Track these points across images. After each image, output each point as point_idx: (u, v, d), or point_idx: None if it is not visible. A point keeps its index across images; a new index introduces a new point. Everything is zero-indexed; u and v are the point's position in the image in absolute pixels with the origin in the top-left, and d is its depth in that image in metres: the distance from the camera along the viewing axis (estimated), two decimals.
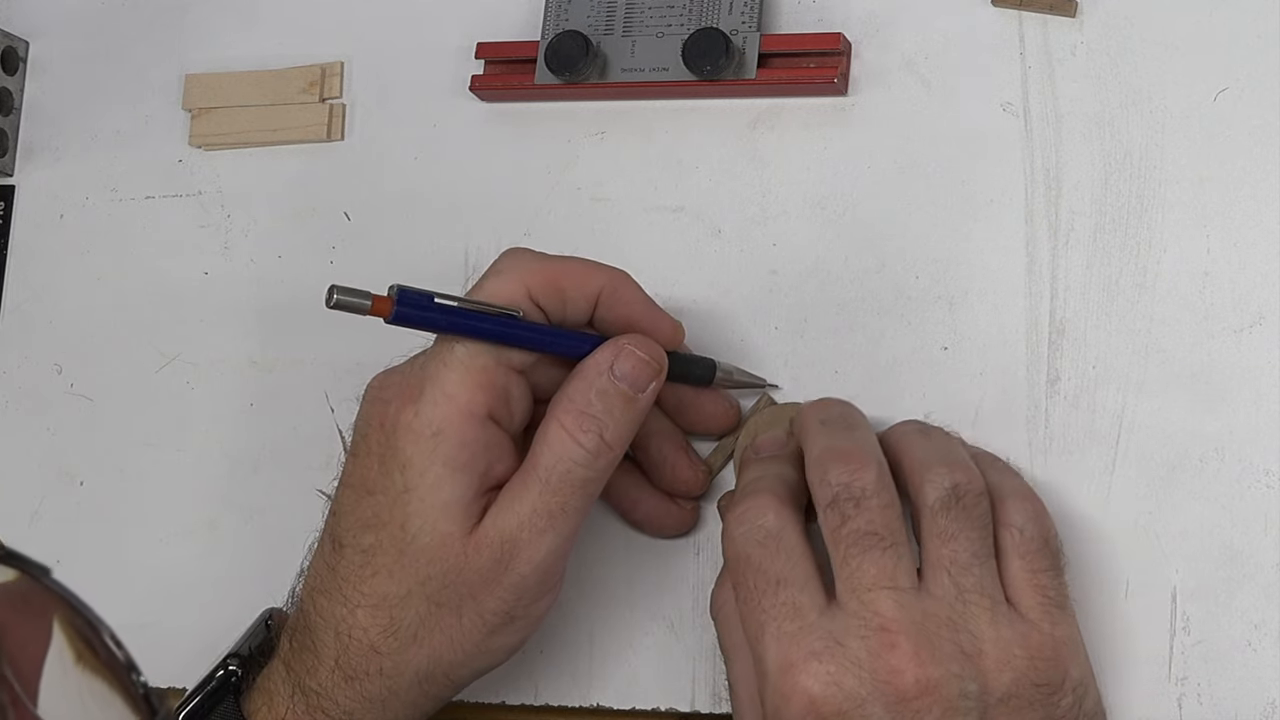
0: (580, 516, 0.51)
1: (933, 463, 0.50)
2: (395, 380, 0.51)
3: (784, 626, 0.48)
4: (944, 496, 0.49)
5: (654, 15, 0.60)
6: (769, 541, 0.49)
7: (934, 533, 0.49)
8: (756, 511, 0.50)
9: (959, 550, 0.49)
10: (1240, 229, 0.54)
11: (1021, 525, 0.50)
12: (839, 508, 0.49)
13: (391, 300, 0.49)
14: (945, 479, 0.49)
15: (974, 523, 0.49)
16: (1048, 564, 0.50)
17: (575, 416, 0.50)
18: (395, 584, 0.50)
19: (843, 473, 0.49)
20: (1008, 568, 0.50)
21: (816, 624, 0.48)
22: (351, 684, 0.51)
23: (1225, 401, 0.54)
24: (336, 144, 0.66)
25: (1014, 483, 0.52)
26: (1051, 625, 0.49)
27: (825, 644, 0.47)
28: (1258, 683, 0.52)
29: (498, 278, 0.52)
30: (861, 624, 0.47)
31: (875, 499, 0.49)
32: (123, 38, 0.70)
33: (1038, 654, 0.48)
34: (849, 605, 0.48)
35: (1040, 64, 0.57)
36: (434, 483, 0.50)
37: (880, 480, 0.49)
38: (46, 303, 0.68)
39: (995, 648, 0.48)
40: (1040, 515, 0.51)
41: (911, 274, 0.57)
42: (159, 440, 0.66)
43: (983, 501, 0.50)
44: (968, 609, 0.48)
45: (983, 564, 0.49)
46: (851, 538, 0.48)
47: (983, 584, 0.48)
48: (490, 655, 0.53)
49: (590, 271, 0.53)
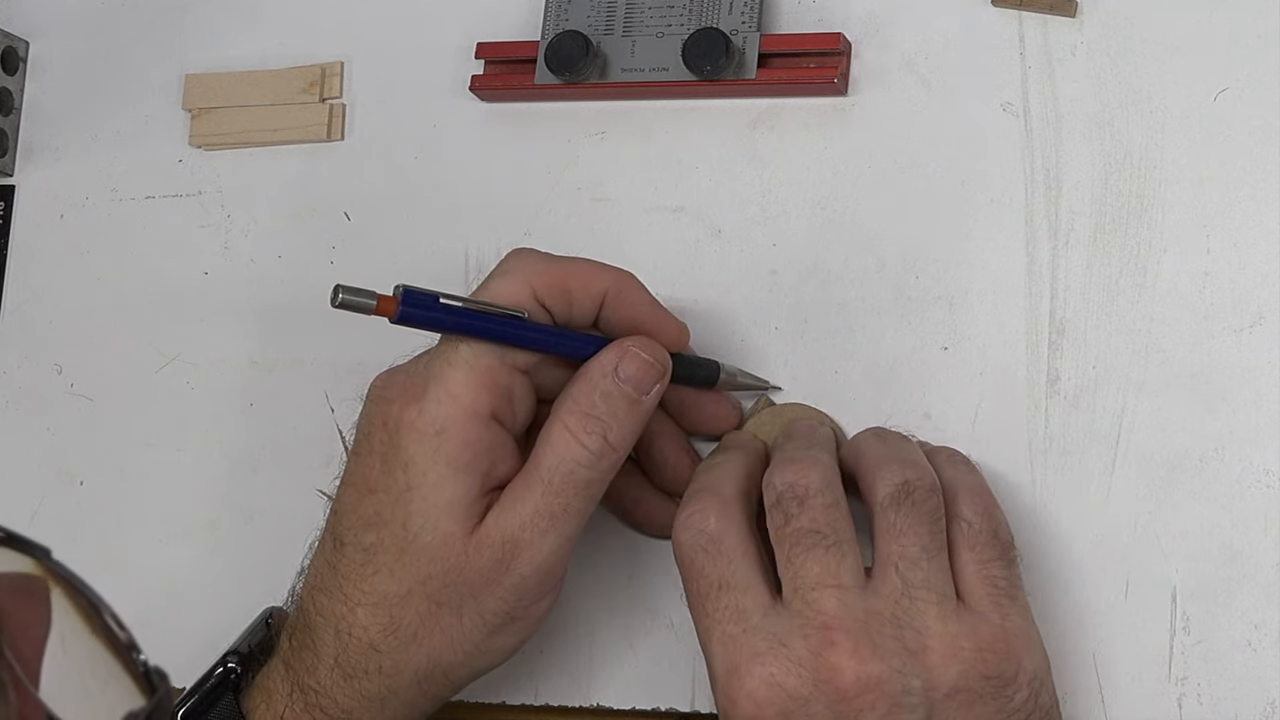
0: (582, 518, 0.51)
1: (885, 461, 0.51)
2: (399, 379, 0.51)
3: (728, 630, 0.48)
4: (894, 492, 0.49)
5: (654, 15, 0.60)
6: (710, 546, 0.50)
7: (884, 529, 0.49)
8: (699, 516, 0.50)
9: (908, 545, 0.49)
10: (1240, 229, 0.54)
11: (970, 518, 0.50)
12: (783, 507, 0.49)
13: (396, 300, 0.49)
14: (896, 475, 0.50)
15: (924, 518, 0.49)
16: (996, 554, 0.50)
17: (579, 418, 0.50)
18: (396, 582, 0.50)
19: (787, 474, 0.50)
20: (958, 560, 0.50)
21: (760, 626, 0.48)
22: (350, 682, 0.51)
23: (1225, 401, 0.54)
24: (336, 144, 0.66)
25: (966, 478, 0.52)
26: (1002, 617, 0.49)
27: (768, 645, 0.48)
28: (1258, 683, 0.52)
29: (503, 278, 0.52)
30: (804, 623, 0.48)
31: (819, 498, 0.49)
32: (123, 38, 0.70)
33: (987, 646, 0.48)
34: (793, 605, 0.48)
35: (1040, 64, 0.57)
36: (436, 482, 0.50)
37: (824, 480, 0.50)
38: (46, 303, 0.68)
39: (941, 642, 0.48)
40: (990, 508, 0.51)
41: (911, 274, 0.57)
42: (159, 440, 0.66)
43: (933, 497, 0.50)
44: (914, 604, 0.48)
45: (932, 559, 0.49)
46: (794, 536, 0.49)
47: (930, 579, 0.48)
48: (489, 656, 0.53)
49: (596, 272, 0.53)
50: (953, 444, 0.55)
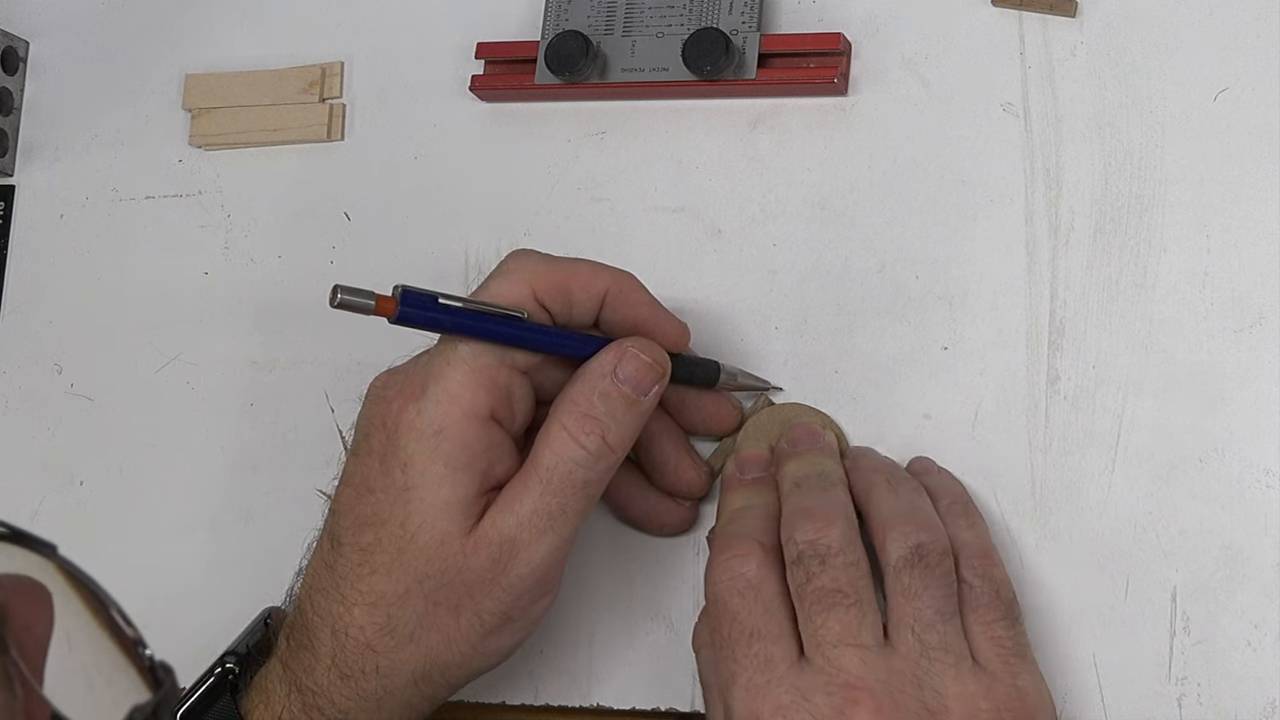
0: (580, 519, 0.51)
1: (898, 520, 0.51)
2: (398, 379, 0.51)
3: (754, 678, 0.48)
4: (907, 555, 0.50)
5: (654, 15, 0.60)
6: (748, 591, 0.50)
7: (898, 590, 0.50)
8: (740, 561, 0.50)
9: (923, 608, 0.49)
10: (1240, 229, 0.54)
11: (971, 580, 0.50)
12: (804, 565, 0.49)
13: (395, 300, 0.49)
14: (910, 538, 0.50)
15: (937, 581, 0.50)
16: (1000, 615, 0.50)
17: (577, 418, 0.51)
18: (393, 582, 0.50)
19: (809, 530, 0.50)
20: (964, 622, 0.50)
21: (785, 677, 0.48)
22: (347, 682, 0.51)
23: (1225, 401, 0.54)
24: (336, 144, 0.66)
25: (967, 535, 0.52)
26: (1013, 676, 0.49)
27: (792, 698, 0.48)
28: (1258, 683, 0.52)
29: (503, 279, 0.52)
30: (827, 680, 0.48)
31: (840, 557, 0.49)
32: (123, 38, 0.70)
33: (1004, 705, 0.48)
34: (815, 661, 0.48)
35: (1040, 64, 0.57)
36: (435, 481, 0.50)
37: (846, 537, 0.50)
38: (46, 303, 0.68)
39: (960, 703, 0.48)
40: (989, 568, 0.51)
41: (911, 274, 0.57)
42: (159, 440, 0.66)
43: (946, 560, 0.50)
44: (932, 665, 0.48)
45: (946, 621, 0.49)
46: (816, 595, 0.49)
47: (947, 641, 0.49)
48: (486, 656, 0.53)
49: (596, 273, 0.53)
50: (952, 444, 0.56)
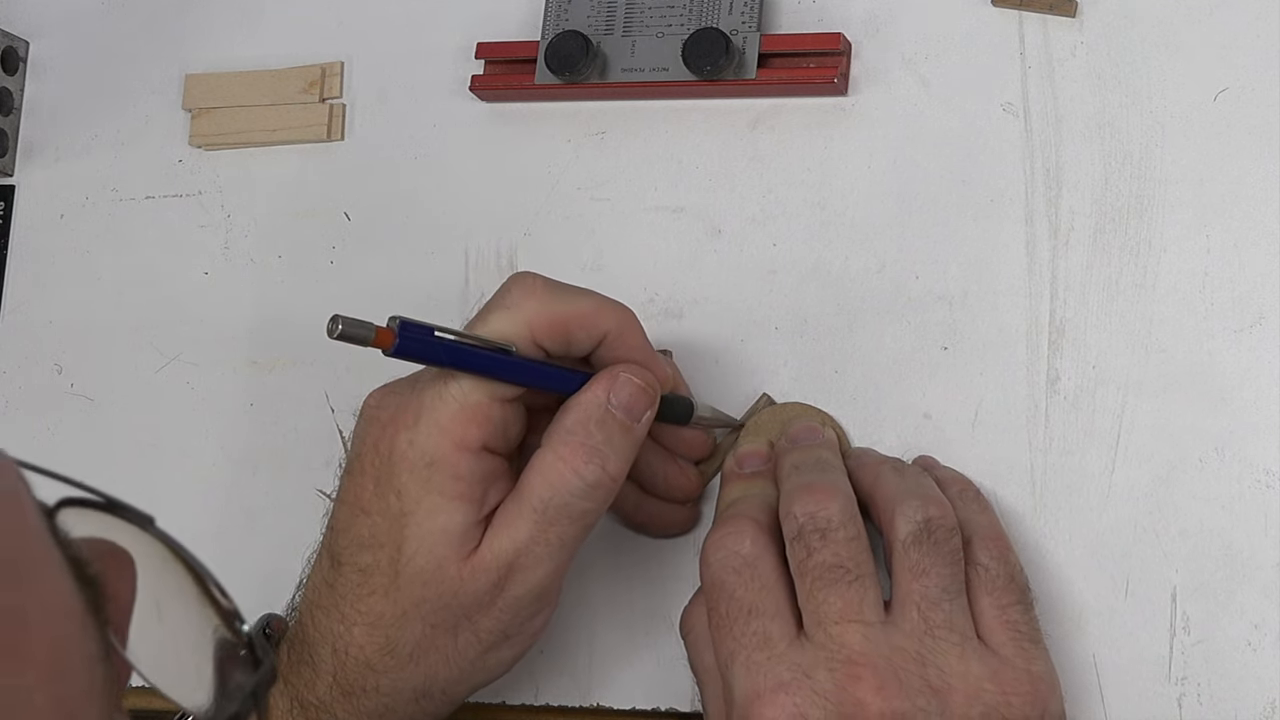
0: (577, 544, 0.51)
1: (906, 496, 0.50)
2: (392, 401, 0.51)
3: (753, 656, 0.48)
4: (916, 530, 0.49)
5: (654, 15, 0.60)
6: (744, 569, 0.49)
7: (905, 567, 0.49)
8: (734, 538, 0.50)
9: (929, 585, 0.49)
10: (1240, 229, 0.54)
11: (986, 563, 0.50)
12: (804, 540, 0.49)
13: (393, 332, 0.49)
14: (918, 513, 0.50)
15: (945, 558, 0.49)
16: (1015, 599, 0.50)
17: (574, 448, 0.50)
18: (391, 605, 0.50)
19: (808, 503, 0.50)
20: (976, 604, 0.50)
21: (785, 654, 0.48)
22: (349, 699, 0.51)
23: (1225, 401, 0.54)
24: (336, 144, 0.66)
25: (979, 519, 0.52)
26: (1026, 661, 0.49)
27: (793, 675, 0.47)
28: (1258, 683, 0.52)
29: (504, 313, 0.51)
30: (829, 656, 0.47)
31: (841, 531, 0.49)
32: (123, 38, 0.70)
33: (1013, 690, 0.48)
34: (816, 637, 0.48)
35: (1040, 64, 0.57)
36: (430, 510, 0.50)
37: (846, 512, 0.50)
38: (46, 303, 0.68)
39: (963, 683, 0.48)
40: (1005, 552, 0.51)
41: (911, 274, 0.57)
42: (159, 440, 0.66)
43: (954, 537, 0.50)
44: (936, 644, 0.48)
45: (953, 600, 0.49)
46: (817, 570, 0.49)
47: (952, 619, 0.48)
48: (486, 671, 0.53)
49: (598, 315, 0.52)
50: (952, 444, 0.56)
